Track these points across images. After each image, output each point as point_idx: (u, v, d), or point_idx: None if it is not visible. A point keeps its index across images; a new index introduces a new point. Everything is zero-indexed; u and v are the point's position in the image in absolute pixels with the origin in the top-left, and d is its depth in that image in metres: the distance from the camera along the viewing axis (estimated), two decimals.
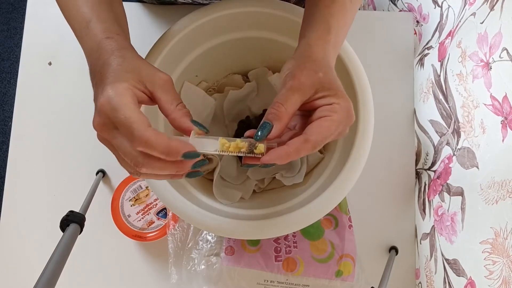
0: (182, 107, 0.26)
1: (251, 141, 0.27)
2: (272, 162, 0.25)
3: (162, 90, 0.26)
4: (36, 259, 0.38)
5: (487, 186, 0.37)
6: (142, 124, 0.23)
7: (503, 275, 0.34)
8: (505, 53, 0.35)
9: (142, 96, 0.25)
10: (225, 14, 0.38)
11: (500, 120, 0.36)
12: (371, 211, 0.53)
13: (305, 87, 0.27)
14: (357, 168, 0.35)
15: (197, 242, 0.49)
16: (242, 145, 0.27)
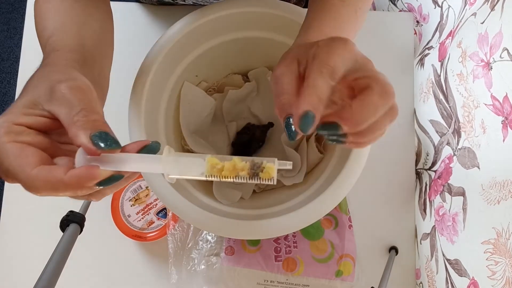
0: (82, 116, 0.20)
1: (254, 161, 0.20)
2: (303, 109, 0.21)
3: (60, 103, 0.21)
4: (36, 259, 0.38)
5: (488, 186, 0.37)
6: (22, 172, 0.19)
7: (506, 275, 0.33)
8: (506, 53, 0.35)
9: (37, 121, 0.21)
10: (225, 14, 0.38)
11: (500, 120, 0.36)
12: (371, 211, 0.53)
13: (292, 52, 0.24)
14: (357, 168, 0.35)
15: (197, 242, 0.49)
16: (242, 166, 0.20)
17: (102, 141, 0.20)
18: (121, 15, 0.57)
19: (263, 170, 0.20)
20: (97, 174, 0.19)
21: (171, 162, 0.20)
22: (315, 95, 0.21)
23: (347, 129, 0.21)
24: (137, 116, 0.36)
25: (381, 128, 0.22)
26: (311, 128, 0.21)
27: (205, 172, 0.20)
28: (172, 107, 0.43)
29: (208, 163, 0.20)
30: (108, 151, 0.20)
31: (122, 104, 0.38)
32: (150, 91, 0.37)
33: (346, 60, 0.22)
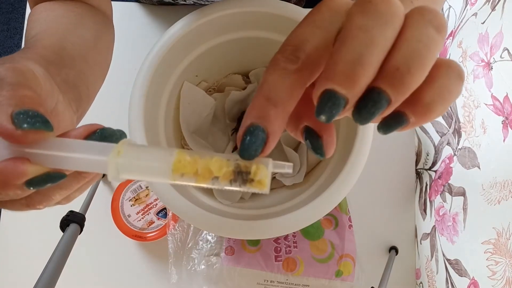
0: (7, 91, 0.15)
1: (239, 164, 0.14)
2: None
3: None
4: (36, 259, 0.38)
5: (489, 186, 0.37)
6: None
7: (506, 275, 0.33)
8: (506, 53, 0.35)
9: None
10: (225, 14, 0.38)
11: (501, 120, 0.36)
12: (371, 211, 0.53)
13: None
14: (357, 168, 0.35)
15: (197, 242, 0.49)
16: (223, 172, 0.14)
17: (26, 120, 0.14)
18: (121, 15, 0.57)
19: (251, 182, 0.14)
20: (25, 169, 0.14)
21: (124, 159, 0.15)
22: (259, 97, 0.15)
23: (414, 120, 0.15)
24: (137, 116, 0.36)
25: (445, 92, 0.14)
26: (263, 145, 0.15)
27: (169, 178, 0.14)
28: (172, 107, 0.43)
29: (174, 170, 0.14)
30: (32, 133, 0.14)
31: (122, 104, 0.38)
32: (150, 91, 0.37)
33: None
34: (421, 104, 0.14)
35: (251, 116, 0.15)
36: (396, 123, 0.15)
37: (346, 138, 0.39)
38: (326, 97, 0.13)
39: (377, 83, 0.13)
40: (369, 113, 0.14)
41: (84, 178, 0.17)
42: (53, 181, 0.15)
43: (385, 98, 0.13)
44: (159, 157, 0.15)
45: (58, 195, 0.17)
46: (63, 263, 0.32)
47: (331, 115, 0.14)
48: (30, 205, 0.17)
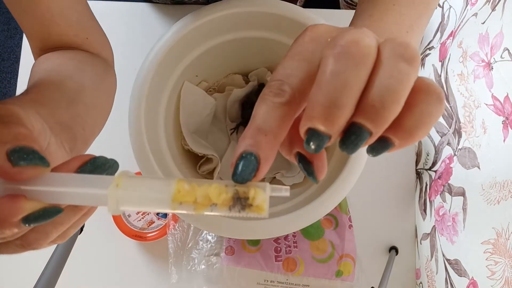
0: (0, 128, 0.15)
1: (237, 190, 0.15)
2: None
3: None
4: (36, 259, 0.38)
5: (488, 186, 0.37)
6: None
7: (505, 275, 0.33)
8: (507, 53, 0.35)
9: None
10: (225, 14, 0.38)
11: (501, 120, 0.36)
12: (371, 211, 0.53)
13: None
14: (357, 168, 0.35)
15: (197, 242, 0.49)
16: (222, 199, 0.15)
17: (22, 157, 0.15)
18: (121, 14, 0.57)
19: (250, 207, 0.14)
20: (21, 206, 0.14)
21: (123, 192, 0.15)
22: (250, 127, 0.16)
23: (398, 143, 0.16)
24: (137, 116, 0.36)
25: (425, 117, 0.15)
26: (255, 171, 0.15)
27: (169, 204, 0.15)
28: (172, 107, 0.43)
29: (174, 199, 0.15)
30: (29, 169, 0.15)
31: (122, 104, 0.38)
32: (150, 91, 0.37)
33: None
34: (403, 129, 0.15)
35: (243, 144, 0.15)
36: (381, 148, 0.16)
37: None
38: (310, 134, 0.14)
39: (356, 119, 0.14)
40: (353, 144, 0.15)
41: (81, 210, 0.17)
42: (50, 216, 0.15)
43: (365, 131, 0.14)
44: (158, 188, 0.15)
45: (54, 232, 0.17)
46: (63, 263, 0.32)
47: (317, 148, 0.15)
48: (25, 245, 0.17)
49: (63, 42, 0.32)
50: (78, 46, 0.33)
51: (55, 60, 0.30)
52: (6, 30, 1.22)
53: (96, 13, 0.38)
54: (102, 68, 0.33)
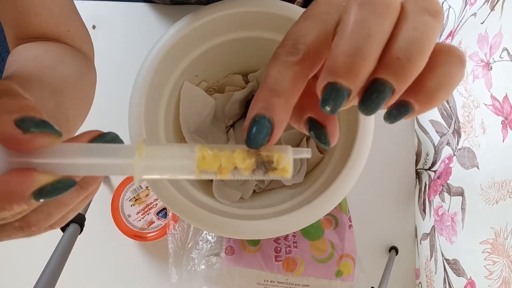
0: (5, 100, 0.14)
1: (262, 155, 0.15)
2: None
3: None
4: (36, 259, 0.38)
5: (487, 186, 0.37)
6: None
7: (503, 275, 0.34)
8: (506, 53, 0.35)
9: None
10: (225, 14, 0.38)
11: (500, 120, 0.36)
12: (371, 211, 0.53)
13: None
14: (357, 168, 0.35)
15: (197, 242, 0.49)
16: (246, 164, 0.14)
17: (34, 125, 0.13)
18: (121, 14, 0.57)
19: (274, 170, 0.15)
20: (34, 178, 0.13)
21: (146, 160, 0.14)
22: (263, 89, 0.15)
23: (418, 108, 0.15)
24: (137, 116, 0.36)
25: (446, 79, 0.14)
26: (269, 135, 0.15)
27: (195, 171, 0.14)
28: (172, 107, 0.43)
29: (199, 166, 0.14)
30: (43, 135, 0.13)
31: (122, 104, 0.38)
32: (150, 91, 0.37)
33: None
34: (425, 92, 0.14)
35: (256, 107, 0.15)
36: (401, 113, 0.15)
37: (346, 139, 0.39)
38: (329, 89, 0.14)
39: (379, 74, 0.14)
40: (374, 103, 0.14)
41: (85, 190, 0.16)
42: (65, 189, 0.14)
43: (388, 88, 0.14)
44: (182, 154, 0.14)
45: (56, 213, 0.16)
46: (63, 263, 0.33)
47: (335, 107, 0.14)
48: (25, 227, 0.15)
49: (42, 33, 0.30)
50: (59, 38, 0.31)
51: (35, 50, 0.29)
52: None
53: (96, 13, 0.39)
54: (83, 62, 0.32)
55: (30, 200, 0.13)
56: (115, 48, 0.57)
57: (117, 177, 0.53)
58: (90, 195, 0.17)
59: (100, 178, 0.17)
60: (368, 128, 0.35)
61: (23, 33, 0.30)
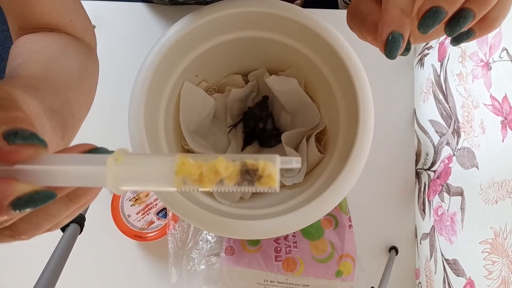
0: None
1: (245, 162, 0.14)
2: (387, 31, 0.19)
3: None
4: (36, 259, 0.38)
5: (486, 186, 0.37)
6: None
7: (502, 275, 0.34)
8: (505, 53, 0.35)
9: None
10: (225, 14, 0.38)
11: (500, 120, 0.36)
12: (371, 211, 0.53)
13: None
14: (357, 168, 0.35)
15: (197, 242, 0.49)
16: (230, 172, 0.14)
17: (19, 137, 0.14)
18: (120, 14, 0.57)
19: (260, 178, 0.14)
20: (11, 189, 0.13)
21: (122, 173, 0.14)
22: (396, 8, 0.19)
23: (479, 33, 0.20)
24: (137, 116, 0.36)
25: None
26: (400, 49, 0.19)
27: (173, 184, 0.14)
28: (172, 107, 0.43)
29: (178, 173, 0.13)
30: (26, 147, 0.14)
31: (122, 104, 0.38)
32: (150, 91, 0.37)
33: None
34: (487, 21, 0.19)
35: (392, 25, 0.19)
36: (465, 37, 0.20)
37: (346, 139, 0.39)
38: (432, 11, 0.18)
39: (468, 5, 0.18)
40: (459, 26, 0.19)
41: (75, 203, 0.16)
42: (42, 200, 0.14)
43: (471, 14, 0.18)
44: (160, 161, 0.14)
45: (46, 223, 0.16)
46: (63, 263, 0.32)
47: (432, 25, 0.18)
48: (15, 235, 0.15)
49: (45, 23, 0.31)
50: (61, 28, 0.32)
51: (38, 42, 0.29)
52: (6, 30, 1.22)
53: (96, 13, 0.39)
54: (85, 53, 0.32)
55: (8, 210, 0.13)
56: (115, 48, 0.57)
57: None
58: (83, 207, 0.17)
59: (91, 191, 0.16)
60: (368, 128, 0.35)
61: (25, 23, 0.30)
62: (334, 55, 0.37)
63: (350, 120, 0.38)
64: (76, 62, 0.29)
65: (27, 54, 0.27)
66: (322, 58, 0.41)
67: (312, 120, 0.46)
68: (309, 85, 0.46)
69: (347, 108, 0.39)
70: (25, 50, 0.28)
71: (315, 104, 0.46)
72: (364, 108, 0.36)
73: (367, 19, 0.21)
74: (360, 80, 0.36)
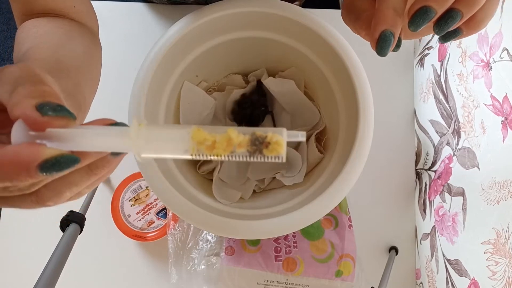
0: (29, 86, 0.16)
1: (255, 133, 0.15)
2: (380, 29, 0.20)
3: (3, 83, 0.17)
4: (36, 259, 0.38)
5: (488, 186, 0.37)
6: None
7: (506, 275, 0.33)
8: (506, 53, 0.35)
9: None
10: (225, 14, 0.38)
11: (500, 120, 0.36)
12: (371, 211, 0.53)
13: None
14: (357, 168, 0.35)
15: (197, 242, 0.49)
16: (240, 142, 0.15)
17: (51, 109, 0.15)
18: (119, 14, 0.57)
19: (268, 145, 0.15)
20: (40, 151, 0.14)
21: (143, 136, 0.15)
22: (389, 8, 0.20)
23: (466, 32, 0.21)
24: (137, 115, 0.36)
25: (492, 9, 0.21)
26: (391, 47, 0.20)
27: (189, 150, 0.15)
28: (172, 107, 0.43)
29: (193, 138, 0.15)
30: (57, 119, 0.15)
31: (122, 104, 0.38)
32: (150, 91, 0.37)
33: None
34: (474, 21, 0.20)
35: (385, 24, 0.20)
36: (453, 35, 0.21)
37: (346, 139, 0.39)
38: (423, 11, 0.19)
39: (457, 5, 0.19)
40: (447, 26, 0.19)
41: (95, 174, 0.17)
42: (68, 164, 0.15)
43: (459, 15, 0.19)
44: (178, 128, 0.16)
45: (68, 192, 0.17)
46: (63, 263, 0.33)
47: (421, 24, 0.19)
48: (39, 201, 0.17)
49: (48, 8, 0.31)
50: (65, 14, 0.32)
51: (43, 27, 0.30)
52: (6, 30, 1.22)
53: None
54: (89, 38, 0.33)
55: (36, 171, 0.14)
56: (115, 48, 0.57)
57: (117, 177, 0.53)
58: (102, 179, 0.18)
59: (111, 163, 0.17)
60: (368, 128, 0.35)
61: (30, 9, 0.31)
62: (334, 55, 0.37)
63: (350, 120, 0.38)
64: (82, 47, 0.30)
65: (34, 38, 0.27)
66: (322, 58, 0.41)
67: (312, 120, 0.46)
68: (309, 85, 0.46)
69: (347, 108, 0.39)
70: (31, 34, 0.28)
71: (315, 104, 0.46)
72: (364, 108, 0.36)
73: (362, 15, 0.22)
74: (360, 80, 0.36)
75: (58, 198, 0.17)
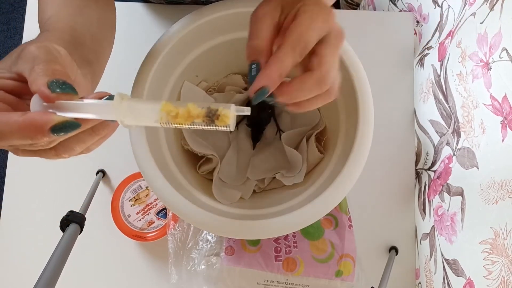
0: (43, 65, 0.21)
1: (210, 107, 0.20)
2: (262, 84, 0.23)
3: (25, 61, 0.22)
4: (36, 259, 0.38)
5: (487, 186, 0.37)
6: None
7: (502, 275, 0.34)
8: (505, 53, 0.35)
9: (5, 84, 0.22)
10: (225, 14, 0.38)
11: (500, 120, 0.36)
12: (371, 211, 0.53)
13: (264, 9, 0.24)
14: (357, 168, 0.35)
15: (197, 242, 0.49)
16: (197, 113, 0.19)
17: (58, 86, 0.20)
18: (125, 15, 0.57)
19: (218, 117, 0.19)
20: (51, 118, 0.20)
21: (124, 108, 0.20)
22: (278, 71, 0.23)
23: (282, 100, 0.24)
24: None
25: (312, 105, 0.26)
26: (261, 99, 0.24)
27: (158, 119, 0.20)
28: None
29: (162, 109, 0.20)
30: (63, 95, 0.20)
31: None
32: (150, 91, 0.37)
33: (321, 32, 0.24)
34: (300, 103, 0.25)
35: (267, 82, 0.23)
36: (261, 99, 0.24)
37: (346, 139, 0.39)
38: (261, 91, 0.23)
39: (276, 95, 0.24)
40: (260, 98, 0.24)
41: (97, 134, 0.22)
42: (71, 127, 0.20)
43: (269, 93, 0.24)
44: (152, 102, 0.20)
45: (78, 147, 0.23)
46: (63, 263, 0.33)
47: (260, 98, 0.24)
48: (57, 154, 0.22)
49: None
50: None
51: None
52: (6, 30, 1.22)
53: None
54: (104, 2, 0.35)
55: (49, 133, 0.19)
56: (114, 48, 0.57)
57: (117, 177, 0.53)
58: (105, 137, 0.23)
59: (108, 126, 0.22)
60: (368, 128, 0.35)
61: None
62: None
63: (350, 120, 0.38)
64: (96, 12, 0.33)
65: (54, 5, 0.31)
66: None
67: (312, 120, 0.46)
68: None
69: (347, 108, 0.39)
70: (51, 1, 0.31)
71: None
72: (364, 108, 0.36)
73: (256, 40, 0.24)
74: (360, 80, 0.36)
75: (72, 151, 0.23)
